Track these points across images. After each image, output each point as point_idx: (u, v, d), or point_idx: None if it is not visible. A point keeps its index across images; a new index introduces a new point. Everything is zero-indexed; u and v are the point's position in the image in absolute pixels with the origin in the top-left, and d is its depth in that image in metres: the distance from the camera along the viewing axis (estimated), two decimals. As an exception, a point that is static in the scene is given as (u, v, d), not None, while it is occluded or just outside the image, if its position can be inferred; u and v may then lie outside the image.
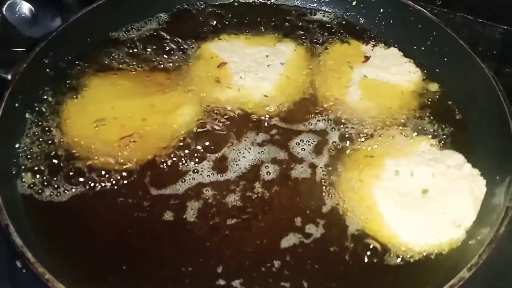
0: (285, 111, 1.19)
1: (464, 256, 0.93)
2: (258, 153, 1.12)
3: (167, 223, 1.00)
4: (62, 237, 0.98)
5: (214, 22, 1.38)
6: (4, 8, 1.44)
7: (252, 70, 1.23)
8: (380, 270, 0.96)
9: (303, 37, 1.35)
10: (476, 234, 0.97)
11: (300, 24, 1.39)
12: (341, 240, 1.00)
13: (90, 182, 1.04)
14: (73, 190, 1.03)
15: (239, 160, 1.10)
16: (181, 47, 1.30)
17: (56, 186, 1.03)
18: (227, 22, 1.39)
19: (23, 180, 1.03)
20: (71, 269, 0.90)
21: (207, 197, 1.04)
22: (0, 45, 1.37)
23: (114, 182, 1.05)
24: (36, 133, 1.10)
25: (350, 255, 0.98)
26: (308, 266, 0.96)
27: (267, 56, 1.27)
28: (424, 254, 0.97)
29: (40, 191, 1.02)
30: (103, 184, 1.04)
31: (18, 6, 1.48)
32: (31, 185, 1.03)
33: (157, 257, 0.97)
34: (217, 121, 1.16)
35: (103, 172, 1.05)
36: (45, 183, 1.03)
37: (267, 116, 1.18)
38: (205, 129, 1.14)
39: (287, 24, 1.39)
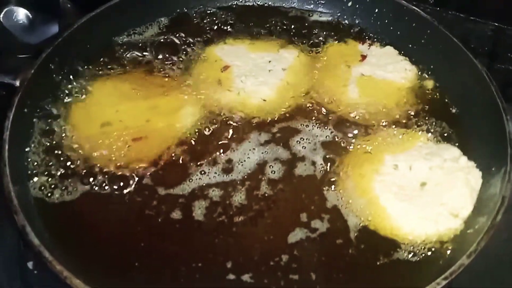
0: (284, 112, 1.21)
1: (463, 244, 0.96)
2: (262, 153, 1.14)
3: (176, 221, 1.03)
4: (74, 236, 1.01)
5: (214, 25, 1.40)
6: (1, 16, 1.45)
7: (254, 75, 1.25)
8: (384, 260, 0.99)
9: (302, 39, 1.37)
10: (474, 223, 1.00)
11: (298, 25, 1.42)
12: (346, 233, 1.03)
13: (98, 183, 1.07)
14: (82, 191, 1.05)
15: (245, 160, 1.13)
16: (182, 50, 1.32)
17: (64, 187, 1.06)
18: (227, 25, 1.40)
19: (34, 182, 1.05)
20: (85, 266, 0.92)
21: (214, 197, 1.07)
22: (4, 52, 1.38)
23: (121, 182, 1.07)
24: (44, 137, 1.12)
25: (355, 247, 1.01)
26: (315, 259, 0.99)
27: (269, 61, 1.29)
28: (425, 243, 1.00)
29: (49, 194, 1.05)
30: (111, 185, 1.07)
31: (15, 13, 1.49)
32: (41, 187, 1.05)
33: (168, 254, 0.99)
34: (219, 122, 1.18)
35: (110, 173, 1.08)
36: (54, 185, 1.06)
37: (267, 118, 1.20)
38: (208, 130, 1.17)
39: (285, 26, 1.41)
